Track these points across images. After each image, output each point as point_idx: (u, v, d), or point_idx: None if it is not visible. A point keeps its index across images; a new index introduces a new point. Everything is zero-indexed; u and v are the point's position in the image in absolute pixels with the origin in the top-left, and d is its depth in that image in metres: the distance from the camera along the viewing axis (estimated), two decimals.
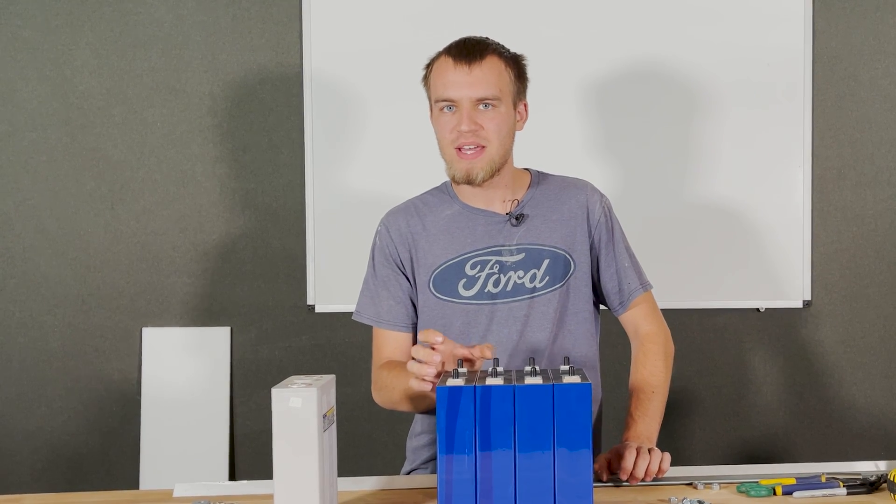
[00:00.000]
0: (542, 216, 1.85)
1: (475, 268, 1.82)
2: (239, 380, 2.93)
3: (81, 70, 2.88)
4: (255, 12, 2.88)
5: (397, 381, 1.77)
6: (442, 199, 1.89)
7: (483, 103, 1.76)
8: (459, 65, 1.75)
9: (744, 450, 2.96)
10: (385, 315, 1.88)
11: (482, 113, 1.76)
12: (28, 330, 2.91)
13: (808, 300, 2.91)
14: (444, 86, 1.77)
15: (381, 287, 1.89)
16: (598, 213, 1.87)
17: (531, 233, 1.83)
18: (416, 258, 1.86)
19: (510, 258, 1.82)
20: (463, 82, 1.75)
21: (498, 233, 1.83)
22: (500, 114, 1.77)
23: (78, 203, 2.90)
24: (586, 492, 1.37)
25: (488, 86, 1.75)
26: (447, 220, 1.86)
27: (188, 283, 2.92)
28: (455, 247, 1.83)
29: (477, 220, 1.84)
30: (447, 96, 1.77)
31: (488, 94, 1.75)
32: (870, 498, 1.52)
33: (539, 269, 1.82)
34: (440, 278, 1.83)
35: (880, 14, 2.90)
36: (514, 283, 1.82)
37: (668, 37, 2.85)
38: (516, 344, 1.81)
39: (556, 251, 1.83)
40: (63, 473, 2.91)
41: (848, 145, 2.92)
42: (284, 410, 1.34)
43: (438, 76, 1.79)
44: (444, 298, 1.83)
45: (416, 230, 1.86)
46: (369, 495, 1.61)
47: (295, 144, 2.89)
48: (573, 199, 1.87)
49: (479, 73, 1.75)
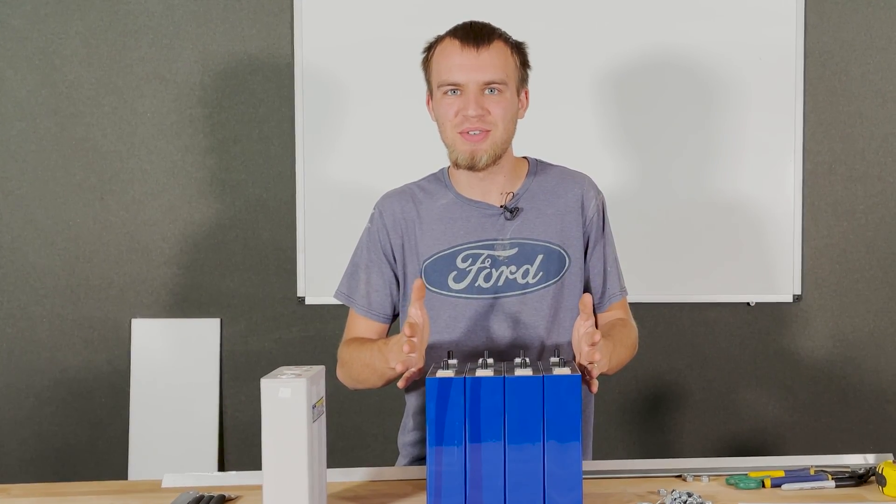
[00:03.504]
0: (538, 209, 1.82)
1: (466, 261, 1.79)
2: (228, 371, 2.92)
3: (71, 59, 2.87)
4: (246, 2, 2.87)
5: (360, 353, 1.76)
6: (438, 187, 1.86)
7: (490, 88, 1.73)
8: (467, 47, 1.72)
9: (733, 442, 2.96)
10: (359, 299, 1.86)
11: (488, 98, 1.73)
12: (17, 321, 2.89)
13: (799, 294, 2.92)
14: (449, 69, 1.73)
15: (363, 271, 1.87)
16: (592, 210, 1.84)
17: (525, 227, 1.80)
18: (408, 246, 1.84)
19: (503, 253, 1.79)
20: (471, 65, 1.72)
21: (491, 226, 1.80)
22: (505, 98, 1.75)
23: (67, 193, 2.89)
24: (576, 483, 1.37)
25: (496, 70, 1.72)
26: (441, 210, 1.83)
27: (178, 274, 2.91)
28: (447, 238, 1.81)
29: (471, 212, 1.81)
30: (453, 80, 1.73)
31: (496, 77, 1.72)
32: (858, 491, 1.53)
33: (532, 265, 1.79)
34: (431, 269, 1.81)
35: (872, 10, 2.90)
36: (505, 278, 1.79)
37: (658, 32, 2.85)
38: (508, 340, 1.79)
39: (550, 246, 1.80)
40: (51, 464, 2.91)
41: (839, 140, 2.92)
42: (273, 401, 1.34)
43: (443, 59, 1.75)
44: (434, 290, 1.80)
45: (411, 217, 1.84)
46: (358, 486, 1.61)
47: (285, 135, 2.88)
48: (570, 193, 1.84)
49: (486, 56, 1.72)
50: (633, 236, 2.81)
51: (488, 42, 1.73)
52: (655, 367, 2.95)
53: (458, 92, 1.73)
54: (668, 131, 2.87)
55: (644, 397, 2.97)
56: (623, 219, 2.79)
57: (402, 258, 1.85)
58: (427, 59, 1.81)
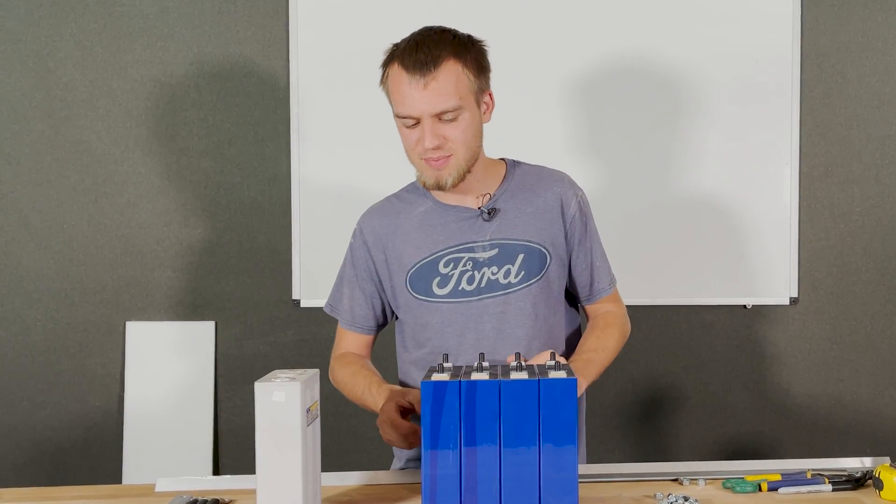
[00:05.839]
0: (516, 209, 1.81)
1: (448, 266, 1.79)
2: (223, 374, 2.91)
3: (65, 62, 2.86)
4: (240, 5, 2.86)
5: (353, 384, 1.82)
6: (415, 196, 1.86)
7: (444, 114, 1.68)
8: (414, 77, 1.65)
9: (730, 446, 2.96)
10: (343, 313, 1.91)
11: (445, 125, 1.68)
12: (10, 324, 2.88)
13: (795, 297, 2.91)
14: (401, 101, 1.68)
15: (346, 286, 1.90)
16: (573, 208, 1.83)
17: (504, 227, 1.79)
18: (390, 259, 1.84)
19: (483, 254, 1.78)
20: (419, 97, 1.65)
21: (470, 228, 1.79)
22: (464, 120, 1.70)
23: (61, 196, 2.87)
24: (571, 487, 1.37)
25: (447, 97, 1.66)
26: (419, 218, 1.83)
27: (172, 277, 2.90)
28: (428, 245, 1.80)
29: (448, 217, 1.81)
30: (406, 113, 1.68)
31: (448, 106, 1.66)
32: (855, 494, 1.52)
33: (514, 265, 1.79)
34: (416, 277, 1.81)
35: (868, 12, 2.90)
36: (487, 279, 1.78)
37: (656, 33, 2.85)
38: (494, 341, 1.78)
39: (530, 245, 1.79)
40: (45, 468, 2.89)
41: (835, 143, 2.92)
42: (268, 404, 1.33)
43: (395, 87, 1.69)
44: (421, 298, 1.80)
45: (390, 230, 1.84)
46: (353, 490, 1.60)
47: (280, 138, 2.88)
48: (549, 192, 1.83)
49: (435, 86, 1.65)
50: (629, 239, 2.80)
51: (434, 67, 1.65)
52: (652, 369, 2.95)
53: (414, 121, 1.70)
54: (663, 133, 2.86)
55: (640, 400, 2.96)
56: (619, 221, 2.79)
57: (386, 271, 1.85)
58: (383, 79, 1.74)
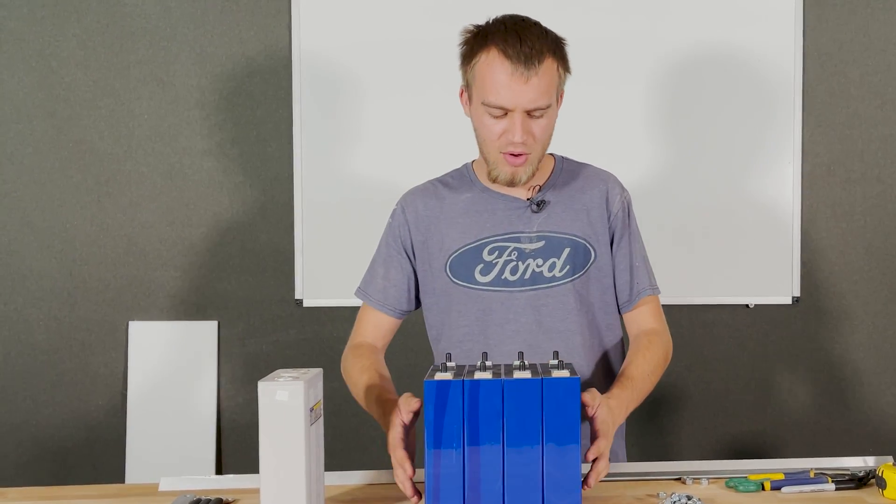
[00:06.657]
0: (563, 203, 1.80)
1: (493, 253, 1.78)
2: (226, 374, 2.91)
3: (68, 62, 2.86)
4: (243, 4, 2.86)
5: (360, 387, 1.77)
6: (462, 182, 1.85)
7: (536, 111, 1.67)
8: (518, 70, 1.62)
9: (733, 445, 2.96)
10: (373, 293, 1.86)
11: (533, 121, 1.67)
12: (13, 323, 2.89)
13: (798, 296, 2.91)
14: (496, 92, 1.64)
15: (381, 265, 1.86)
16: (616, 207, 1.82)
17: (551, 220, 1.79)
18: (432, 242, 1.82)
19: (529, 245, 1.77)
20: (520, 91, 1.63)
21: (517, 218, 1.79)
22: (549, 117, 1.70)
23: (64, 196, 2.88)
24: (574, 486, 1.37)
25: (544, 95, 1.65)
26: (466, 203, 1.81)
27: (175, 276, 2.90)
28: (474, 231, 1.79)
29: (496, 205, 1.80)
30: (500, 104, 1.64)
31: (542, 103, 1.65)
32: (858, 494, 1.52)
33: (559, 258, 1.77)
34: (457, 262, 1.79)
35: (870, 11, 2.90)
36: (532, 271, 1.77)
37: (658, 33, 2.85)
38: (535, 334, 1.77)
39: (576, 240, 1.78)
40: (48, 467, 2.90)
41: (838, 142, 2.92)
42: (271, 404, 1.33)
43: (489, 74, 1.65)
44: (461, 284, 1.79)
45: (434, 213, 1.82)
46: (356, 490, 1.60)
47: (283, 138, 2.88)
48: (595, 189, 1.82)
49: (536, 82, 1.63)
50: None
51: (539, 64, 1.63)
52: None
53: (502, 112, 1.67)
54: (665, 134, 2.86)
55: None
56: None
57: (424, 255, 1.83)
58: (468, 60, 1.70)
